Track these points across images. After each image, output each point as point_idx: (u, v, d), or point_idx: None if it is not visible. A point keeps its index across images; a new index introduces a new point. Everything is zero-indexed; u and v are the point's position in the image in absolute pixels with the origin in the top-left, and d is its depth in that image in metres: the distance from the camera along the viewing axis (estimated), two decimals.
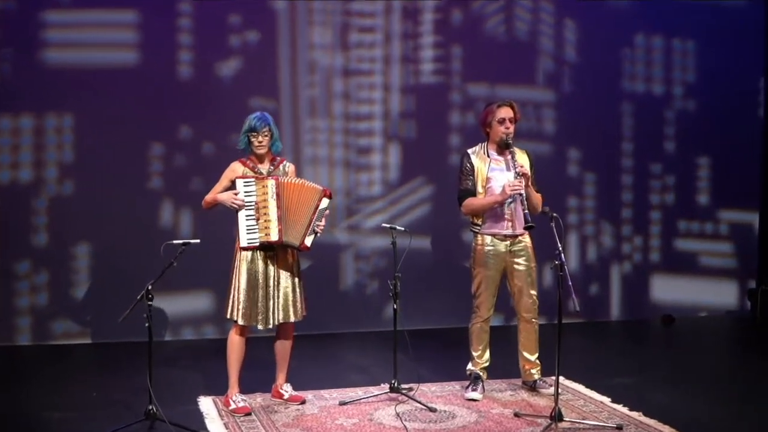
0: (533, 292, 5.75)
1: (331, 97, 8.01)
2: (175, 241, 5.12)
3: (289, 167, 5.55)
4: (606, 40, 8.53)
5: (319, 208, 5.37)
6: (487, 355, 5.83)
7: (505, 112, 5.63)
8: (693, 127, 8.75)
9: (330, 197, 5.42)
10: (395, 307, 5.65)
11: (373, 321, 7.99)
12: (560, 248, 5.05)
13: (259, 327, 5.37)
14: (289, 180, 5.38)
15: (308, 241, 5.36)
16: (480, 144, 5.78)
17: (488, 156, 5.67)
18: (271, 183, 5.29)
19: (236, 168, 5.42)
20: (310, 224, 5.34)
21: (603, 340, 8.02)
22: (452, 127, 8.22)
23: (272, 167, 5.44)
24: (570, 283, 4.97)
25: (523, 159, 5.70)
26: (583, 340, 7.75)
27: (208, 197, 5.45)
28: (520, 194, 5.42)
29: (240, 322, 5.32)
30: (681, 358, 7.20)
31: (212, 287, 7.54)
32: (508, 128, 5.60)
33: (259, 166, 5.41)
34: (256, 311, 5.33)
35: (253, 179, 5.31)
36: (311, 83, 7.95)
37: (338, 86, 8.01)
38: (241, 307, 5.31)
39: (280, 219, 5.27)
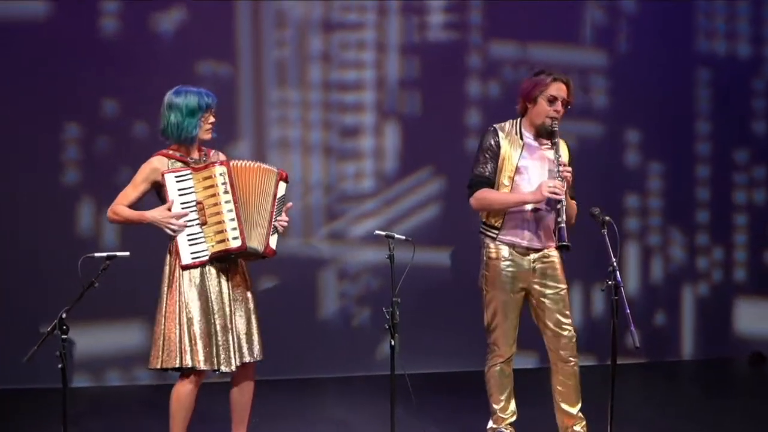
0: (568, 321, 5.74)
1: (307, 59, 8.02)
2: (97, 254, 5.11)
3: (221, 155, 5.55)
4: None
5: (278, 196, 5.39)
6: (512, 406, 5.82)
7: (559, 90, 5.59)
8: None
9: (287, 181, 5.44)
10: (393, 343, 5.64)
11: (364, 362, 8.01)
12: (614, 263, 5.05)
13: (224, 369, 5.35)
14: (242, 163, 5.37)
15: (272, 242, 5.38)
16: (511, 121, 5.76)
17: (522, 139, 5.67)
18: (219, 171, 5.25)
19: (159, 164, 5.37)
20: (271, 220, 5.35)
21: (671, 385, 8.03)
22: (469, 100, 8.25)
23: (204, 156, 5.43)
24: (628, 311, 4.96)
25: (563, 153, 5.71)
26: (645, 385, 7.77)
27: (122, 211, 5.33)
28: (560, 201, 5.42)
29: (202, 366, 5.28)
30: None
31: (147, 316, 7.50)
32: (557, 111, 5.59)
33: (189, 157, 5.40)
34: (216, 349, 5.31)
35: (188, 171, 5.27)
36: (279, 41, 7.97)
37: (316, 45, 8.02)
38: (199, 346, 5.27)
39: (239, 218, 5.26)
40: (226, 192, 5.25)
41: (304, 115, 8.01)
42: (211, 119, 5.37)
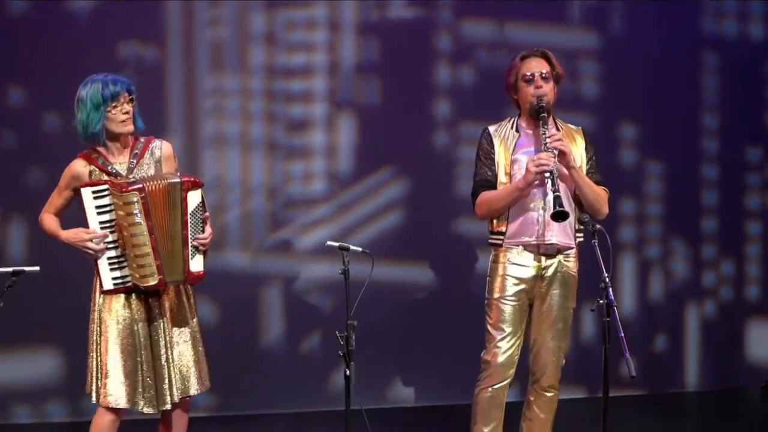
0: (563, 347, 5.82)
1: (247, 40, 8.03)
2: (1, 269, 5.11)
3: (164, 147, 5.54)
4: None
5: (189, 210, 5.36)
6: None
7: (535, 65, 5.78)
8: None
9: (199, 186, 5.39)
10: (348, 372, 5.67)
11: (315, 395, 8.01)
12: (607, 278, 5.11)
13: (145, 410, 5.35)
14: (156, 184, 5.29)
15: (195, 264, 5.36)
16: (509, 118, 5.93)
17: (517, 131, 5.82)
18: (134, 197, 5.22)
19: (80, 170, 5.37)
20: (187, 242, 5.34)
21: (673, 420, 8.09)
22: (438, 88, 8.28)
23: (134, 160, 5.42)
24: (622, 334, 5.01)
25: (575, 143, 5.83)
26: (642, 420, 7.83)
27: (45, 220, 5.45)
28: (550, 172, 5.51)
29: (120, 404, 5.28)
30: None
31: (61, 342, 7.51)
32: (539, 87, 5.73)
33: (114, 159, 5.38)
34: (141, 387, 5.30)
35: (106, 186, 5.27)
36: (214, 19, 7.97)
37: (257, 23, 8.03)
38: (114, 382, 5.26)
39: (155, 250, 5.25)
40: (141, 220, 5.24)
41: (243, 105, 8.01)
42: (126, 108, 5.33)
